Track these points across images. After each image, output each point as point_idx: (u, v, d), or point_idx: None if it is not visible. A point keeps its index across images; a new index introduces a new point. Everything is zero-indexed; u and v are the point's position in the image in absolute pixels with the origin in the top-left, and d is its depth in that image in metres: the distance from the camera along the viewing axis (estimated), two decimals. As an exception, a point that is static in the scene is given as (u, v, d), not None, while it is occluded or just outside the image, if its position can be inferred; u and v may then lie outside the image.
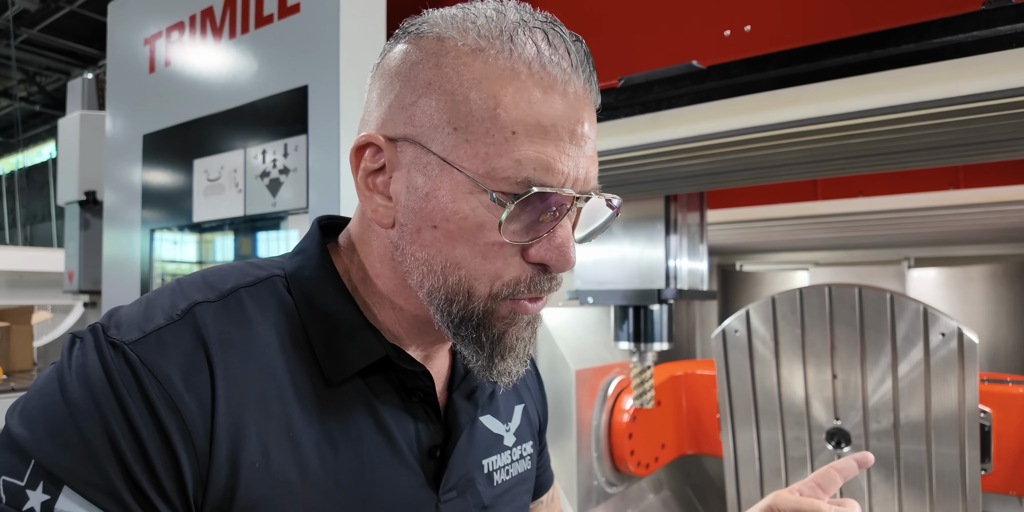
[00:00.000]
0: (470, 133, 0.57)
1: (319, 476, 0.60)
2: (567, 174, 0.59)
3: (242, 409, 0.57)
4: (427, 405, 0.70)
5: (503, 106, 0.56)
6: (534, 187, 0.56)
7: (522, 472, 0.83)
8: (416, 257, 0.62)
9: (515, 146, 0.56)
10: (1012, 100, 0.81)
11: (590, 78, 0.61)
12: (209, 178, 1.61)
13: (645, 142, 1.08)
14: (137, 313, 0.59)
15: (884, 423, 1.83)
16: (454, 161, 0.58)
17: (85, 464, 0.51)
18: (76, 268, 3.33)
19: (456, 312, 0.62)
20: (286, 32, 1.45)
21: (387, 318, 0.68)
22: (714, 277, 3.43)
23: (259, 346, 0.61)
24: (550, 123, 0.57)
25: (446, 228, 0.59)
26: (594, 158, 0.63)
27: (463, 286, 0.60)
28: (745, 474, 2.08)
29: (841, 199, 1.97)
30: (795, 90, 0.93)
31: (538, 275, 0.61)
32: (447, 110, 0.58)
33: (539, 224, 0.60)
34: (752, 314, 1.97)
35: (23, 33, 9.51)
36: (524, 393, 0.89)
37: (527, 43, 0.58)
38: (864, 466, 0.89)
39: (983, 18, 0.79)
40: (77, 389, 0.53)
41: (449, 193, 0.59)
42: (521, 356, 0.65)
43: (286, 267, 0.69)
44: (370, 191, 0.64)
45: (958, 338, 1.69)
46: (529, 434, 0.87)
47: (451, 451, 0.70)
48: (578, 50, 0.60)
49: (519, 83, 0.57)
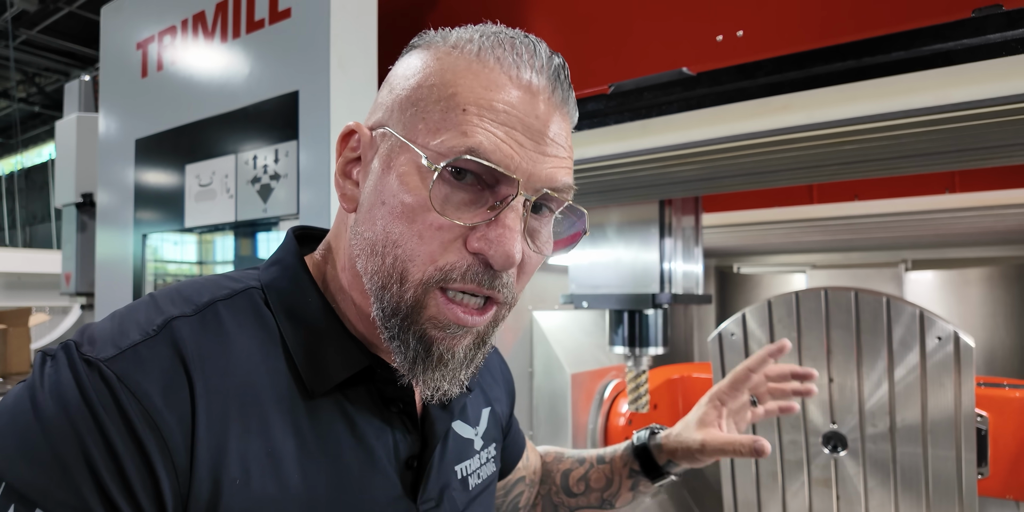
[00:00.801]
0: (427, 112, 0.60)
1: (299, 490, 0.60)
2: (516, 162, 0.58)
3: (223, 424, 0.57)
4: (405, 415, 0.69)
5: (459, 87, 0.59)
6: (467, 155, 0.57)
7: (490, 474, 0.84)
8: (364, 237, 0.62)
9: (464, 120, 0.58)
10: (1003, 108, 0.81)
11: (559, 88, 0.62)
12: (201, 183, 1.61)
13: (636, 149, 1.07)
14: (111, 329, 0.58)
15: (880, 427, 1.83)
16: (408, 137, 0.60)
17: (59, 484, 0.50)
18: (73, 270, 3.32)
19: (389, 301, 0.60)
20: (277, 37, 1.44)
21: (356, 319, 0.68)
22: (711, 279, 3.43)
23: (238, 360, 0.60)
24: (503, 109, 0.58)
25: (391, 204, 0.60)
26: (560, 163, 0.62)
27: (398, 267, 0.59)
28: (741, 478, 2.08)
29: (837, 203, 1.96)
30: (785, 97, 0.92)
31: (477, 266, 0.59)
32: (412, 94, 0.61)
33: (480, 209, 0.59)
34: (748, 317, 1.96)
35: (22, 34, 9.50)
36: (491, 394, 0.90)
37: (498, 46, 0.61)
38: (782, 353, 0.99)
39: (973, 26, 0.79)
40: (51, 408, 0.52)
41: (400, 169, 0.60)
42: (455, 374, 0.63)
43: (262, 279, 0.68)
44: (344, 178, 0.67)
45: (954, 342, 1.68)
46: (495, 436, 0.87)
47: (428, 460, 0.70)
48: (550, 59, 0.62)
49: (482, 73, 0.60)
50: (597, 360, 2.36)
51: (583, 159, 1.15)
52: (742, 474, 2.07)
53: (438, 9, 1.41)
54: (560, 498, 1.04)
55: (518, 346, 2.24)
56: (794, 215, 2.07)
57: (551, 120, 0.61)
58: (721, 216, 2.22)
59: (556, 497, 1.05)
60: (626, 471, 1.02)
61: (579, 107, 0.96)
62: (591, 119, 1.10)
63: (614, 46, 1.16)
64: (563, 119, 0.63)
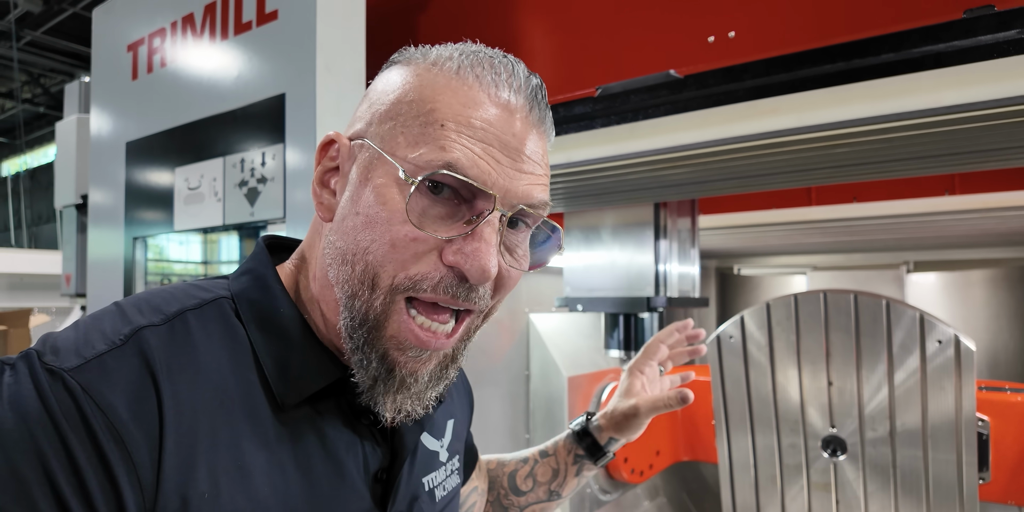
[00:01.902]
0: (405, 125, 0.60)
1: (269, 504, 0.59)
2: (492, 177, 0.59)
3: (191, 438, 0.55)
4: (375, 428, 0.68)
5: (438, 103, 0.60)
6: (444, 170, 0.57)
7: (455, 486, 0.84)
8: (336, 247, 0.62)
9: (442, 135, 0.58)
10: (995, 111, 0.78)
11: (537, 106, 0.63)
12: (189, 186, 1.60)
13: (624, 152, 1.06)
14: (75, 338, 0.56)
15: (880, 431, 1.80)
16: (387, 149, 0.60)
17: (16, 500, 0.48)
18: (73, 271, 3.32)
19: (358, 309, 0.60)
20: (264, 39, 1.43)
21: (324, 330, 0.67)
22: (712, 281, 3.40)
23: (207, 371, 0.58)
24: (480, 125, 0.59)
25: (366, 215, 0.60)
26: (536, 180, 0.63)
27: (368, 274, 0.59)
28: (740, 481, 2.06)
29: (836, 205, 1.94)
30: (773, 100, 0.90)
31: (451, 278, 0.59)
32: (392, 108, 0.62)
33: (457, 223, 0.60)
34: (747, 320, 1.94)
35: (27, 35, 9.54)
36: (454, 407, 0.90)
37: (477, 64, 0.62)
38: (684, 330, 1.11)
39: (964, 27, 0.76)
40: (10, 419, 0.49)
41: (377, 181, 0.60)
42: (422, 397, 0.63)
43: (232, 288, 0.67)
44: (321, 187, 0.67)
45: (955, 345, 1.66)
46: (457, 448, 0.87)
47: (397, 473, 0.69)
48: (528, 79, 0.63)
49: (460, 90, 0.61)
50: (594, 363, 2.34)
51: (572, 162, 1.14)
52: (741, 478, 2.05)
53: (427, 12, 1.39)
54: (509, 500, 1.07)
55: (514, 349, 2.23)
56: (793, 217, 2.04)
57: (528, 138, 0.62)
58: (720, 218, 2.20)
59: (505, 499, 1.07)
60: (571, 458, 1.06)
61: (567, 110, 0.95)
62: (578, 122, 1.08)
63: (604, 48, 1.14)
64: (539, 137, 0.64)
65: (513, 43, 1.25)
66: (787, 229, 2.19)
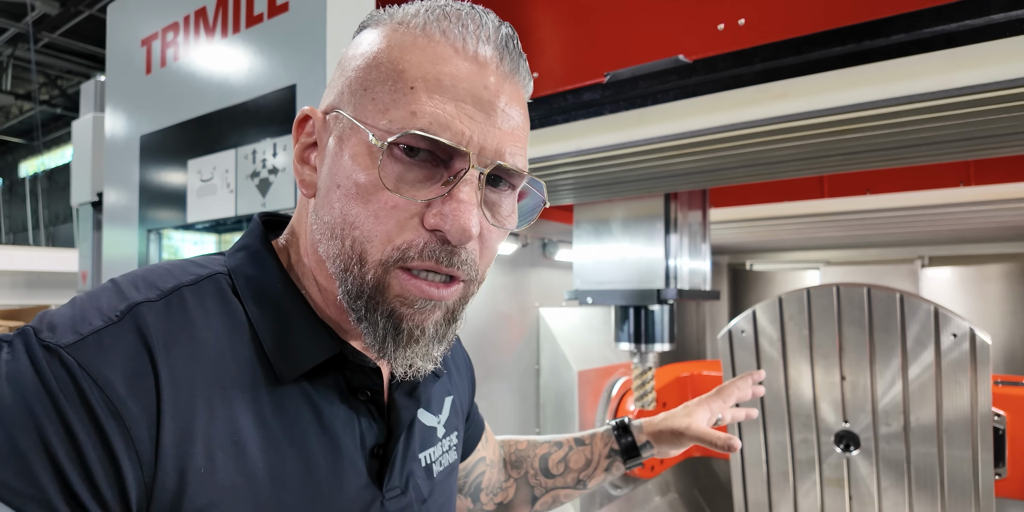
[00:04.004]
0: (376, 92, 0.59)
1: (265, 480, 0.59)
2: (467, 136, 0.58)
3: (188, 413, 0.55)
4: (372, 404, 0.69)
5: (406, 64, 0.58)
6: (414, 130, 0.56)
7: (452, 462, 0.84)
8: (323, 221, 0.62)
9: (413, 99, 0.57)
10: (1008, 92, 0.77)
11: (507, 56, 0.62)
12: (202, 178, 1.61)
13: (633, 139, 1.05)
14: (71, 315, 0.56)
15: (894, 426, 1.78)
16: (359, 118, 0.59)
17: (16, 474, 0.48)
18: (90, 268, 3.36)
19: (352, 283, 0.60)
20: (275, 31, 1.44)
21: (322, 303, 0.67)
22: (724, 276, 3.39)
23: (204, 347, 0.59)
24: (450, 82, 0.58)
25: (346, 187, 0.59)
26: (514, 137, 0.61)
27: (356, 249, 0.59)
28: (752, 477, 2.04)
29: (848, 197, 1.92)
30: (783, 83, 0.90)
31: (434, 243, 0.59)
32: (361, 75, 0.61)
33: (435, 185, 0.59)
34: (759, 314, 1.93)
35: (44, 37, 9.66)
36: (453, 382, 0.90)
37: (444, 19, 0.60)
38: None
39: (976, 6, 0.76)
40: (7, 395, 0.50)
41: (352, 150, 0.59)
42: (429, 351, 0.63)
43: (228, 264, 0.67)
44: (302, 164, 0.66)
45: (970, 339, 1.64)
46: (456, 425, 0.88)
47: (393, 449, 0.69)
48: (497, 28, 0.61)
49: (428, 47, 0.59)
50: (604, 357, 2.33)
51: (581, 150, 1.13)
52: (753, 473, 2.03)
53: (437, 1, 1.39)
54: (538, 480, 1.07)
55: (524, 343, 2.22)
56: (805, 210, 2.02)
57: (501, 91, 0.60)
58: (730, 211, 2.18)
59: (533, 479, 1.08)
60: (606, 451, 1.07)
61: (575, 97, 0.94)
62: (587, 109, 1.08)
63: (613, 35, 1.14)
64: (514, 88, 0.62)
65: (521, 31, 1.24)
66: (799, 222, 2.17)
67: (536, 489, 1.07)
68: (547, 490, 1.07)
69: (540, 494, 1.08)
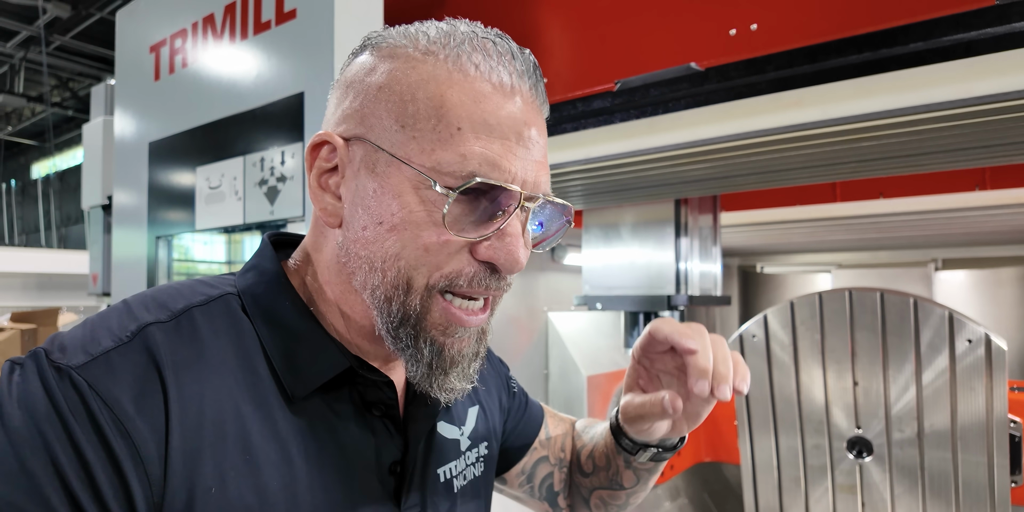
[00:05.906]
0: (417, 130, 0.59)
1: (278, 499, 0.58)
2: (514, 173, 0.59)
3: (198, 432, 0.55)
4: (387, 419, 0.68)
5: (449, 103, 0.58)
6: (478, 177, 0.57)
7: (478, 476, 0.82)
8: (359, 256, 0.61)
9: (461, 141, 0.57)
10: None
11: (536, 86, 0.63)
12: (210, 186, 1.61)
13: (643, 148, 1.04)
14: (82, 336, 0.56)
15: (908, 432, 1.76)
16: (401, 156, 0.59)
17: (27, 495, 0.49)
18: (100, 271, 3.37)
19: (395, 311, 0.60)
20: (283, 38, 1.44)
21: (342, 329, 0.67)
22: (735, 279, 3.36)
23: (214, 366, 0.59)
24: (496, 121, 0.58)
25: (391, 223, 0.59)
26: (544, 164, 0.63)
27: (401, 278, 0.60)
28: (763, 483, 2.03)
29: (862, 201, 1.90)
30: (797, 92, 0.88)
31: (483, 273, 0.61)
32: (396, 109, 0.60)
33: (487, 222, 0.60)
34: (770, 318, 1.91)
35: (55, 40, 9.73)
36: (480, 394, 0.87)
37: (475, 50, 0.60)
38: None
39: (996, 14, 0.74)
40: (18, 416, 0.50)
41: (395, 188, 0.59)
42: (467, 373, 0.64)
43: (238, 284, 0.67)
44: (322, 190, 0.65)
45: (985, 345, 1.62)
46: (484, 435, 0.85)
47: (411, 465, 0.69)
48: (525, 60, 0.62)
49: (466, 83, 0.59)
50: (614, 362, 2.32)
51: (590, 158, 1.12)
52: (764, 479, 2.02)
53: (444, 9, 1.39)
54: (577, 478, 0.97)
55: (533, 348, 2.21)
56: (817, 214, 2.00)
57: (534, 123, 0.62)
58: (742, 215, 2.16)
59: (575, 477, 0.97)
60: (613, 448, 0.90)
61: (585, 105, 0.93)
62: (597, 117, 1.06)
63: (623, 42, 1.13)
64: (540, 116, 0.64)
65: (532, 38, 1.24)
66: (811, 226, 2.15)
67: (581, 489, 0.97)
68: (589, 491, 0.95)
69: (587, 495, 0.96)
